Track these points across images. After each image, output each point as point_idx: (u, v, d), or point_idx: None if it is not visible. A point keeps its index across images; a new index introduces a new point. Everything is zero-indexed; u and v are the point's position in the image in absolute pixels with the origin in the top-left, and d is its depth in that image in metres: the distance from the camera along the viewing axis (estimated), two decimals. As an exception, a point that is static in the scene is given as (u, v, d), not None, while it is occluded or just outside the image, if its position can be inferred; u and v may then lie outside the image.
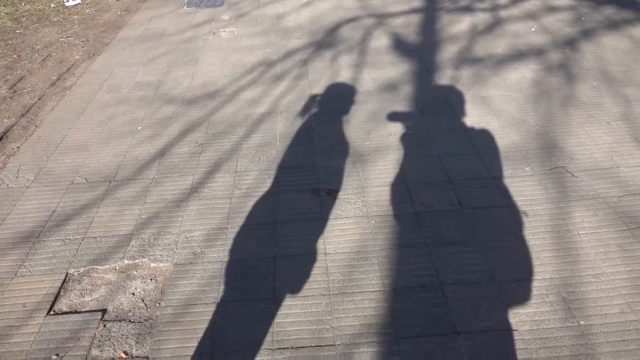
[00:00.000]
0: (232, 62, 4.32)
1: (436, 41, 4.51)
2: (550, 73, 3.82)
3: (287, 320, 1.98)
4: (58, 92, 3.94)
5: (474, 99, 3.50)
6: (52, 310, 2.09)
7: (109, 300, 2.12)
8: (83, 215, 2.60)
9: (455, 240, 2.32)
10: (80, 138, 3.28)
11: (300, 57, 4.35)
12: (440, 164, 2.85)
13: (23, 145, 3.24)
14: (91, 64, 4.45)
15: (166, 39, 4.96)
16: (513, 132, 3.10)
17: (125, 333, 1.97)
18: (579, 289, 2.05)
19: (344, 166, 2.86)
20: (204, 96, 3.75)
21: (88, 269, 2.28)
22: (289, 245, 2.34)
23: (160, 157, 3.03)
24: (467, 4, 5.39)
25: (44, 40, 5.04)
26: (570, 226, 2.36)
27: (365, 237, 2.37)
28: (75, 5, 6.10)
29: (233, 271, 2.22)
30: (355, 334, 1.92)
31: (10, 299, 2.14)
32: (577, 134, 3.05)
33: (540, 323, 1.92)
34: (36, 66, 4.43)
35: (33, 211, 2.65)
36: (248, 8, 5.76)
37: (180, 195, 2.70)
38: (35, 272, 2.27)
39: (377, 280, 2.13)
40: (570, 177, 2.68)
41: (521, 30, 4.66)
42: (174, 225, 2.50)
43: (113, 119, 3.50)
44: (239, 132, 3.25)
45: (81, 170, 2.96)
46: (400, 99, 3.57)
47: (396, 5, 5.52)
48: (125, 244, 2.41)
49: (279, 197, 2.65)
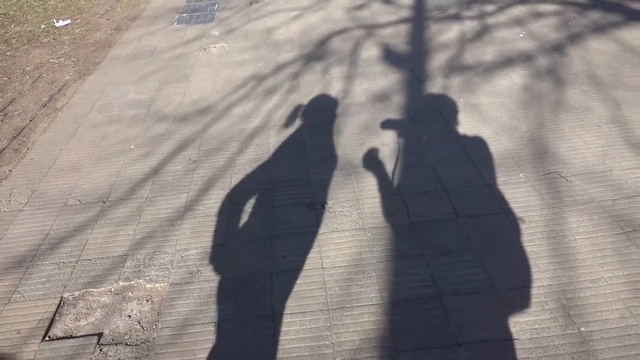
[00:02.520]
0: (224, 78, 4.32)
1: (426, 50, 4.55)
2: (539, 78, 3.85)
3: (287, 338, 1.96)
4: (49, 114, 3.92)
5: (465, 107, 3.52)
6: (47, 335, 2.06)
7: (105, 324, 2.09)
8: (77, 237, 2.58)
9: (452, 249, 2.32)
10: (73, 159, 3.26)
11: (291, 70, 4.37)
12: (434, 172, 2.85)
13: (15, 168, 3.22)
14: (82, 83, 4.45)
15: (157, 56, 4.97)
16: (505, 138, 3.11)
17: (122, 357, 1.94)
18: (577, 295, 2.05)
19: (338, 178, 2.86)
20: (196, 113, 3.75)
21: (83, 292, 2.25)
22: (285, 260, 2.33)
23: (154, 176, 3.02)
24: (455, 13, 5.44)
25: (35, 61, 5.03)
26: (566, 231, 2.36)
27: (362, 249, 2.36)
28: (65, 26, 6.11)
29: (230, 289, 2.20)
30: (355, 349, 1.90)
31: (4, 325, 2.11)
32: (569, 138, 3.07)
33: (541, 331, 1.91)
34: (27, 88, 4.42)
35: (26, 235, 2.62)
36: (238, 23, 5.79)
37: (174, 214, 2.69)
38: (29, 297, 2.24)
39: (376, 294, 2.12)
40: (564, 182, 2.69)
41: (509, 36, 4.71)
42: (169, 244, 2.48)
43: (105, 138, 3.49)
44: (232, 147, 3.24)
45: (74, 191, 2.93)
46: (392, 109, 3.58)
47: (385, 16, 5.56)
48: (120, 265, 2.38)
49: (274, 212, 2.64)
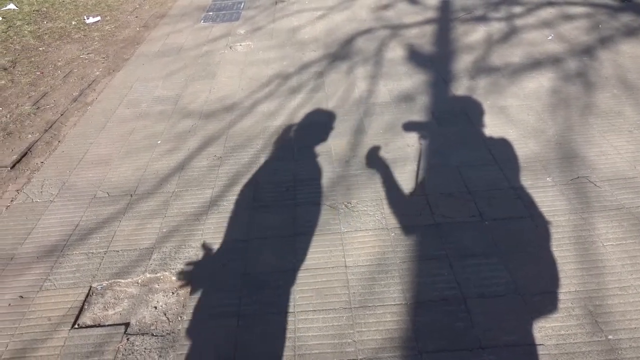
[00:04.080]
0: (249, 76, 4.37)
1: (452, 51, 4.51)
2: (568, 82, 3.79)
3: (309, 334, 1.97)
4: (80, 108, 4.02)
5: (492, 109, 3.48)
6: (76, 323, 2.11)
7: (132, 314, 2.14)
8: (105, 228, 2.64)
9: (477, 252, 2.30)
10: (102, 152, 3.34)
11: (315, 69, 4.39)
12: (459, 174, 2.83)
13: (47, 160, 3.31)
14: (111, 79, 4.55)
15: (184, 53, 5.05)
16: (532, 141, 3.07)
17: (148, 347, 1.99)
18: (605, 302, 2.01)
19: (362, 178, 2.86)
20: (221, 110, 3.80)
21: (111, 282, 2.31)
22: (308, 257, 2.34)
23: (180, 171, 3.07)
24: (482, 14, 5.38)
25: (66, 57, 5.17)
26: (594, 237, 2.32)
27: (385, 249, 2.36)
28: (95, 23, 6.25)
29: (253, 284, 2.22)
30: (377, 348, 1.90)
31: (36, 312, 2.18)
32: (599, 143, 3.01)
33: (567, 337, 1.88)
34: (58, 82, 4.54)
35: (57, 225, 2.69)
36: (263, 22, 5.84)
37: (199, 209, 2.73)
38: (59, 286, 2.31)
39: (399, 294, 2.12)
40: (593, 187, 2.64)
41: (537, 38, 4.63)
42: (194, 238, 2.53)
43: (133, 133, 3.56)
44: (257, 144, 3.28)
45: (103, 184, 3.01)
46: (417, 109, 3.56)
47: (410, 16, 5.54)
48: (147, 257, 2.43)
49: (297, 210, 2.65)
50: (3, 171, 3.21)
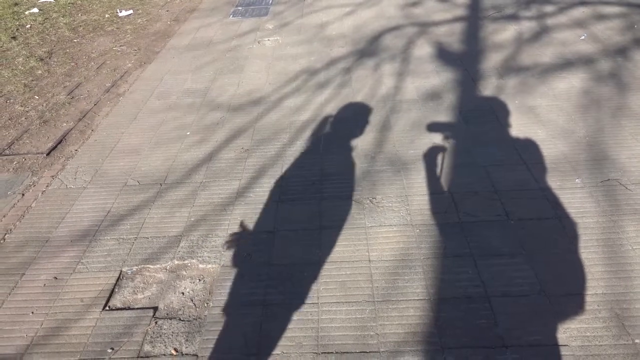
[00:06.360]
0: (277, 70, 4.41)
1: (480, 50, 4.46)
2: (600, 82, 3.71)
3: (332, 325, 2.00)
4: (112, 99, 4.14)
5: (520, 109, 3.44)
6: (107, 305, 2.19)
7: (160, 299, 2.21)
8: (135, 215, 2.72)
9: (502, 251, 2.29)
10: (133, 142, 3.43)
11: (343, 65, 4.40)
12: (485, 173, 2.81)
13: (80, 148, 3.42)
14: (142, 71, 4.66)
15: (213, 47, 5.13)
16: (561, 142, 3.03)
17: (175, 331, 2.05)
18: (633, 306, 1.98)
19: (388, 174, 2.87)
20: (249, 103, 3.86)
21: (140, 267, 2.38)
22: (333, 250, 2.37)
23: (208, 162, 3.14)
24: (512, 12, 5.30)
25: (99, 49, 5.31)
26: (623, 240, 2.28)
27: (410, 245, 2.37)
28: (128, 16, 6.40)
29: (279, 274, 2.26)
30: (399, 342, 1.92)
31: (69, 293, 2.26)
32: (630, 145, 2.95)
33: (592, 339, 1.87)
34: (92, 73, 4.67)
35: (89, 211, 2.79)
36: (292, 17, 5.88)
37: (227, 199, 2.78)
38: (91, 269, 2.39)
39: (422, 289, 2.13)
40: (624, 190, 2.59)
41: (569, 38, 4.55)
42: (221, 228, 2.58)
43: (163, 124, 3.65)
44: (284, 138, 3.32)
45: (134, 172, 3.09)
46: (444, 107, 3.55)
47: (439, 13, 5.49)
48: (175, 244, 2.50)
49: (322, 204, 2.68)
50: (39, 157, 3.34)
